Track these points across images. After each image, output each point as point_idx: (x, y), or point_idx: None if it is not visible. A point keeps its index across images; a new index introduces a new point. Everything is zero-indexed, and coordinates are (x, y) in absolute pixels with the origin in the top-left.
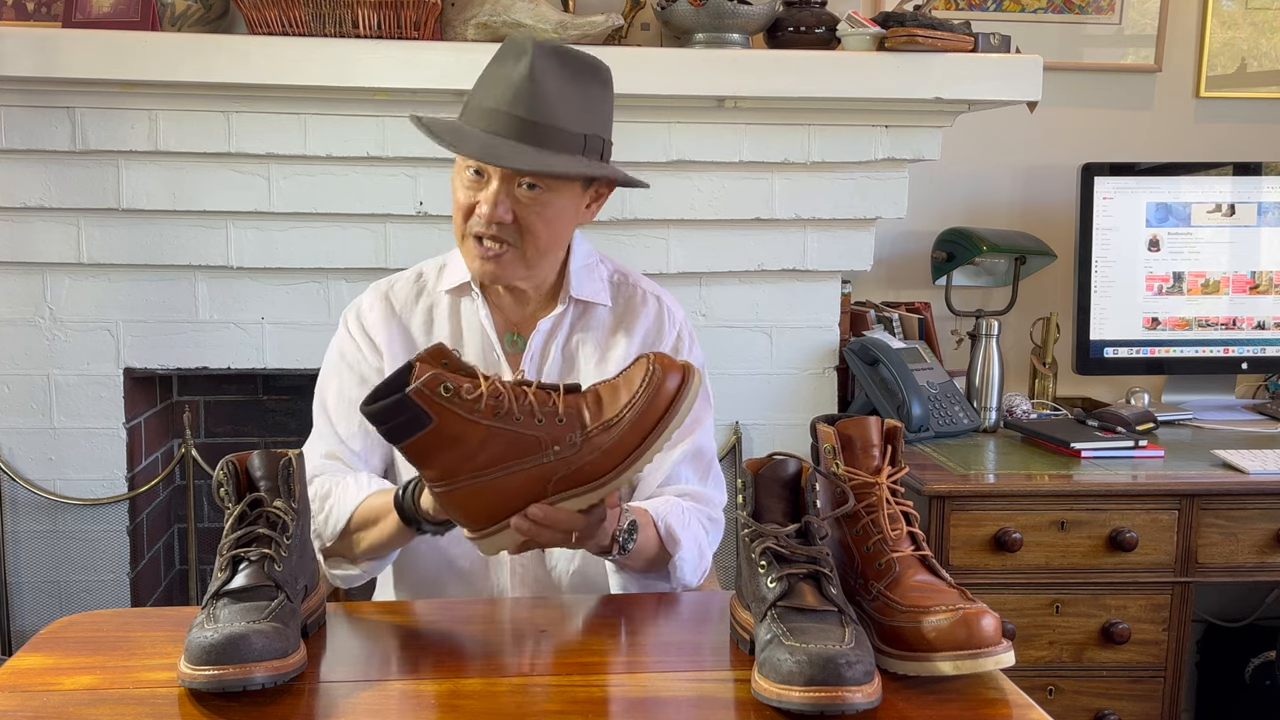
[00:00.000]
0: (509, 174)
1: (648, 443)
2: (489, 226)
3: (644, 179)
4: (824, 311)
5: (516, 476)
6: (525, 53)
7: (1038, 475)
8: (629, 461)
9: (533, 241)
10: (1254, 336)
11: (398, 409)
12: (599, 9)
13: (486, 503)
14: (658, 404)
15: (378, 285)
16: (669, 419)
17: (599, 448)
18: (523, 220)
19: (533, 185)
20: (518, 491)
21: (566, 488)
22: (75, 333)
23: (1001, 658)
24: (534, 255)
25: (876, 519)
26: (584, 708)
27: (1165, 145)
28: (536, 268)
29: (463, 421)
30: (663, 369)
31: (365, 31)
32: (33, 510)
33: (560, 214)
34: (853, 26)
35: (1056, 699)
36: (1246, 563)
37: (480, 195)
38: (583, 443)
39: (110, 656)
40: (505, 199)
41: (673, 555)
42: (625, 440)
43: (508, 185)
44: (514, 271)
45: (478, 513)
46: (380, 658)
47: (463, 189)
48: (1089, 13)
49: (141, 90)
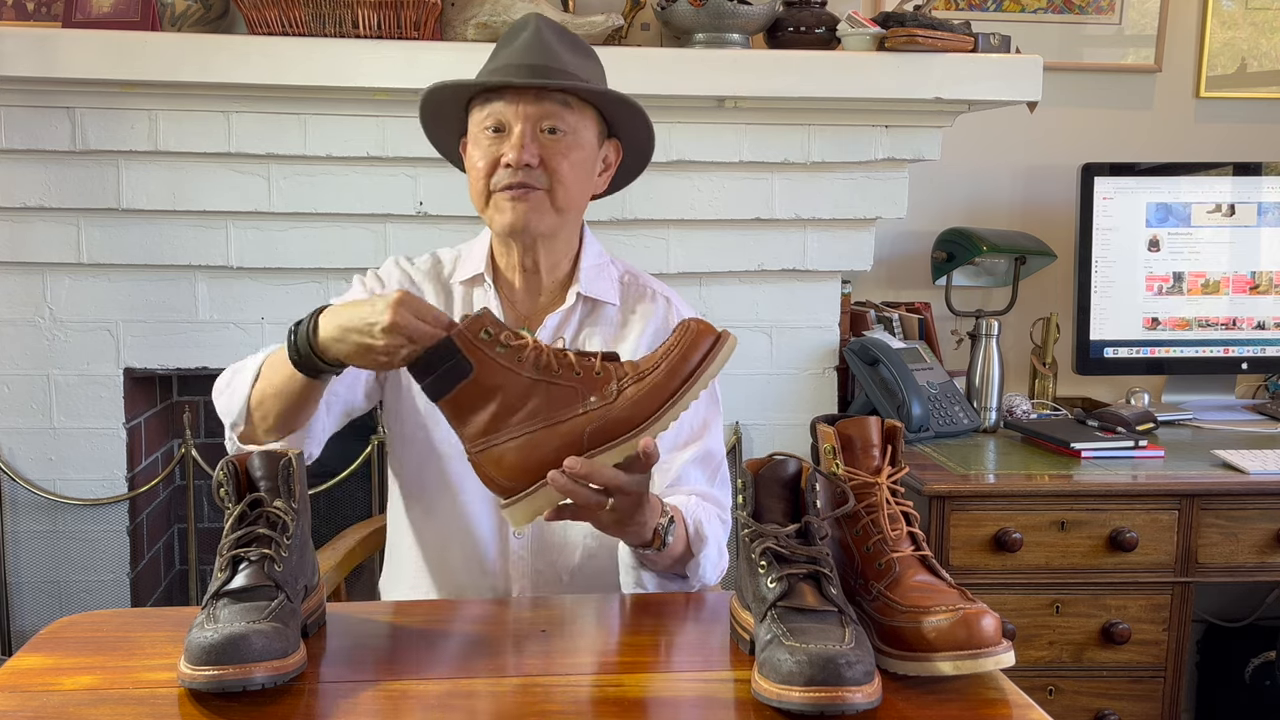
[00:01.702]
0: (532, 118)
1: (680, 393)
2: (516, 173)
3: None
4: (824, 311)
5: (554, 430)
6: (527, 24)
7: (1038, 475)
8: (661, 411)
9: (560, 184)
10: (1254, 336)
11: (440, 353)
12: (599, 9)
13: (524, 458)
14: (690, 357)
15: (395, 259)
16: (701, 371)
17: (632, 398)
18: (549, 162)
19: (554, 130)
20: (555, 446)
21: (601, 441)
22: (75, 333)
23: (1001, 658)
24: (562, 199)
25: (876, 519)
26: (584, 708)
27: (1165, 145)
28: (563, 215)
29: (502, 371)
30: (698, 328)
31: (365, 31)
32: (33, 510)
33: (582, 162)
34: (853, 26)
35: (1056, 699)
36: (1246, 563)
37: (504, 147)
38: (617, 394)
39: (110, 656)
40: (531, 142)
41: (696, 554)
42: (657, 390)
43: (532, 128)
44: (543, 217)
45: (515, 470)
46: (380, 658)
47: (482, 152)
48: (1089, 13)
49: (141, 90)
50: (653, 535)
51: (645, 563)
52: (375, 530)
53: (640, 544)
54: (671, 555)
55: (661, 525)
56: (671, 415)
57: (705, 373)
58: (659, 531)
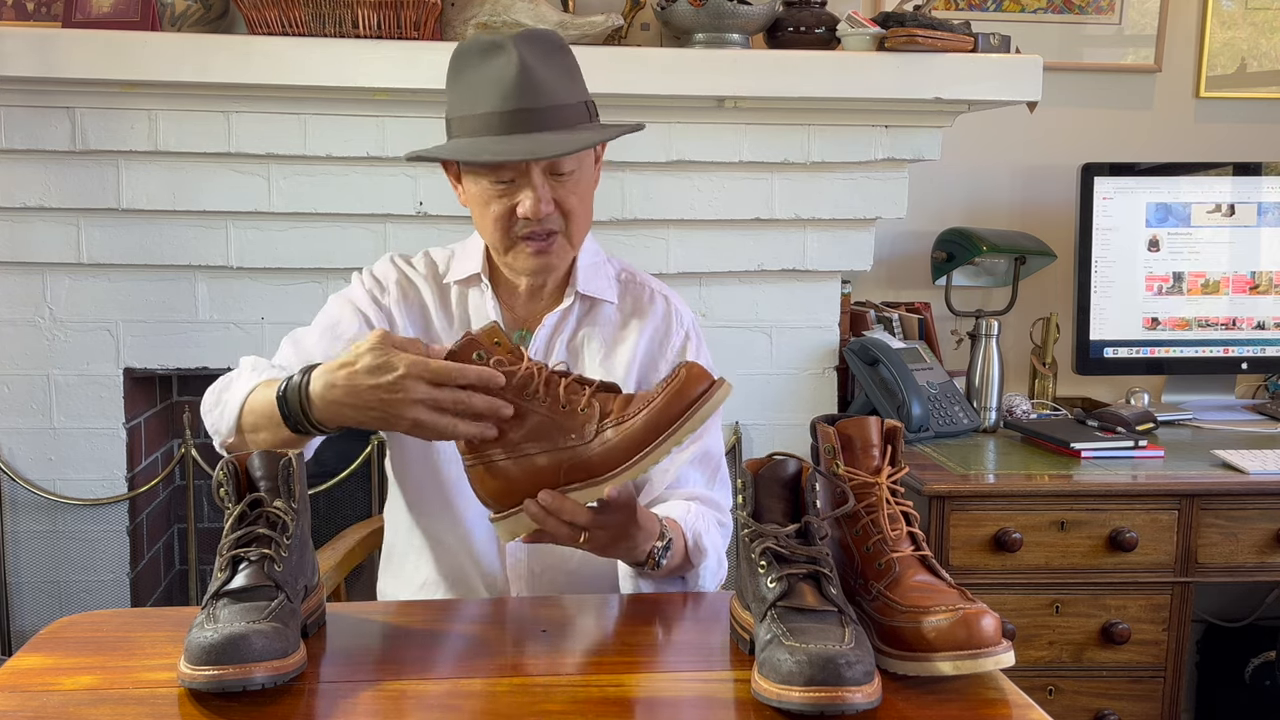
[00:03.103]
0: (542, 168)
1: (657, 443)
2: (540, 224)
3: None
4: (824, 311)
5: (535, 460)
6: (503, 48)
7: (1038, 475)
8: (635, 459)
9: (575, 222)
10: (1254, 336)
11: None
12: (599, 9)
13: (508, 482)
14: (675, 407)
15: (390, 257)
16: (683, 422)
17: (609, 442)
18: (564, 205)
19: (561, 173)
20: (534, 475)
21: (574, 479)
22: (75, 333)
23: (1001, 658)
24: (578, 234)
25: (876, 519)
26: (584, 708)
27: (1165, 145)
28: (579, 246)
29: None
30: (689, 374)
31: (365, 31)
32: (33, 510)
33: (589, 189)
34: (853, 26)
35: (1056, 699)
36: (1246, 563)
37: (519, 197)
38: (594, 435)
39: (110, 656)
40: (545, 192)
41: (696, 565)
42: (635, 438)
43: (544, 178)
44: (564, 257)
45: (499, 491)
46: (380, 658)
47: (494, 201)
48: (1089, 13)
49: (141, 90)
50: (646, 557)
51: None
52: (375, 530)
53: (633, 564)
54: (668, 570)
55: (657, 549)
56: (641, 468)
57: (684, 427)
58: (653, 554)
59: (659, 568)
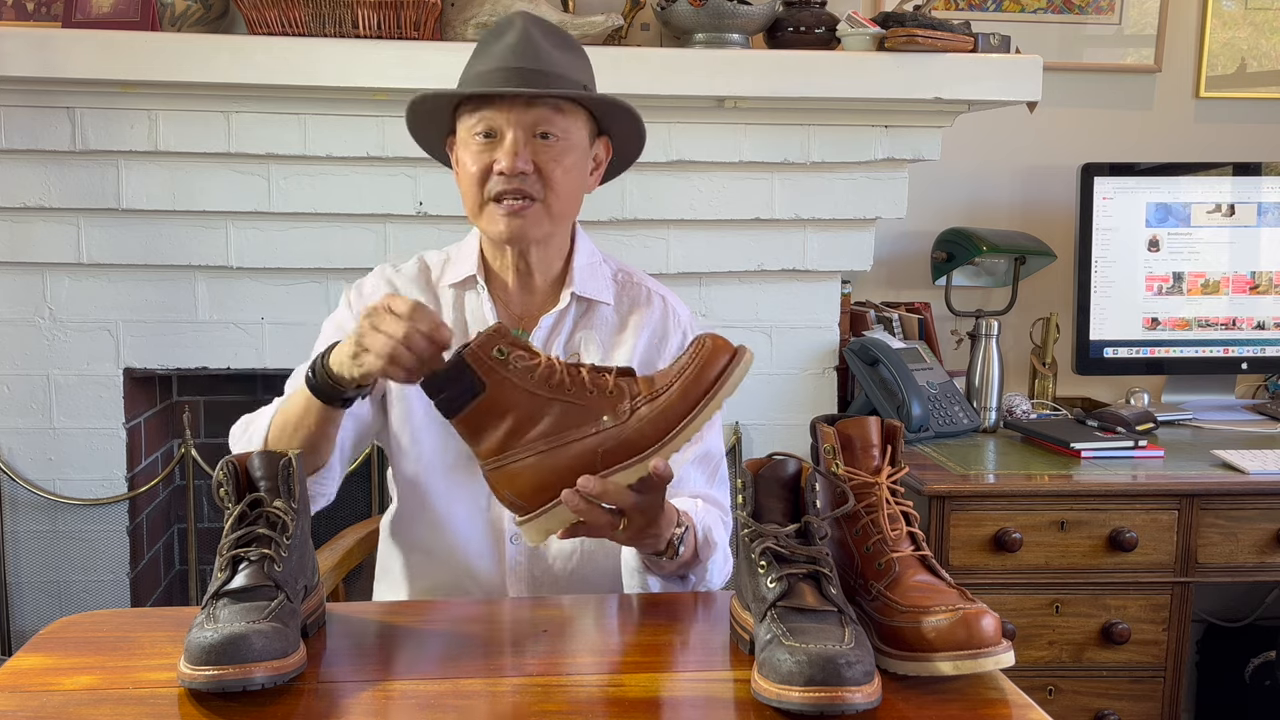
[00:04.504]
0: (525, 124)
1: (695, 413)
2: (510, 181)
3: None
4: (824, 311)
5: (568, 449)
6: (513, 24)
7: (1038, 475)
8: (675, 432)
9: (554, 191)
10: (1254, 336)
11: (453, 372)
12: (599, 9)
13: (538, 477)
14: (706, 375)
15: (381, 268)
16: (716, 390)
17: (645, 418)
18: (543, 168)
19: (546, 135)
20: (569, 466)
21: (615, 460)
22: (75, 333)
23: (1001, 658)
24: (557, 207)
25: (876, 519)
26: (584, 708)
27: (1165, 145)
28: (559, 223)
29: (514, 389)
30: (714, 344)
31: (365, 31)
32: (33, 510)
33: (575, 165)
34: (853, 26)
35: (1056, 699)
36: (1246, 563)
37: (496, 153)
38: (631, 413)
39: (110, 656)
40: (524, 149)
41: (704, 560)
42: (672, 409)
43: (525, 134)
44: (539, 226)
45: (529, 489)
46: (380, 658)
47: (473, 158)
48: (1089, 13)
49: (141, 90)
50: (666, 545)
51: (652, 568)
52: (374, 530)
53: (653, 553)
54: (680, 561)
55: (676, 535)
56: (684, 436)
57: (720, 392)
58: (673, 541)
59: (677, 555)
